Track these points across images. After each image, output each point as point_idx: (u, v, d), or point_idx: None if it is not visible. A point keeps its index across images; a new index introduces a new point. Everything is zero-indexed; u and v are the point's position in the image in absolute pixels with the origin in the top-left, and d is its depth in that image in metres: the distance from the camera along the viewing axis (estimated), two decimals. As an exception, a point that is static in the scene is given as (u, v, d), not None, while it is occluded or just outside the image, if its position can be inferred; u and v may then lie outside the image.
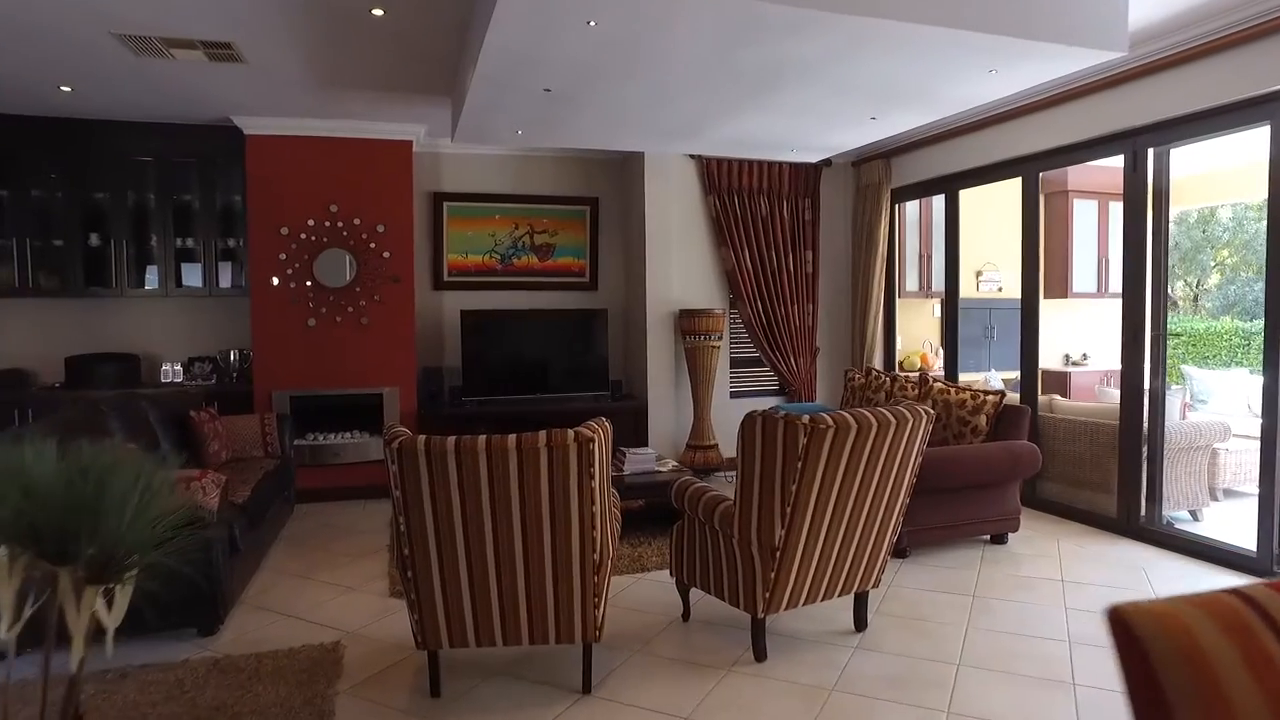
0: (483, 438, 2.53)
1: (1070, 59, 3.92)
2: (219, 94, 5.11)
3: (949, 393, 4.85)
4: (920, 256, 7.47)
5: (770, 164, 6.78)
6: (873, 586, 3.39)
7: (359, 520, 5.39)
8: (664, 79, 4.22)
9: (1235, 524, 5.26)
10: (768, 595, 3.00)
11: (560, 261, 6.91)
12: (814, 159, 6.69)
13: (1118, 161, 4.90)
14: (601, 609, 2.80)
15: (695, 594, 3.53)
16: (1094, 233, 7.87)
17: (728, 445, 6.54)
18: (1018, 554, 4.50)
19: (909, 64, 3.97)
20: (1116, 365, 8.47)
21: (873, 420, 2.89)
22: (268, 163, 5.71)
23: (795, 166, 6.86)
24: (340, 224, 5.83)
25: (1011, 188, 8.00)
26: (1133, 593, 3.89)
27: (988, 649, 3.25)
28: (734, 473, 3.04)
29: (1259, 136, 4.16)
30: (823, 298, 7.12)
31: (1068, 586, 3.97)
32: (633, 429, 6.45)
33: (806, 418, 2.79)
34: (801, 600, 3.13)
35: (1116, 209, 7.93)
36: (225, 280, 5.99)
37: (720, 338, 6.52)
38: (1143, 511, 4.81)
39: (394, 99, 5.29)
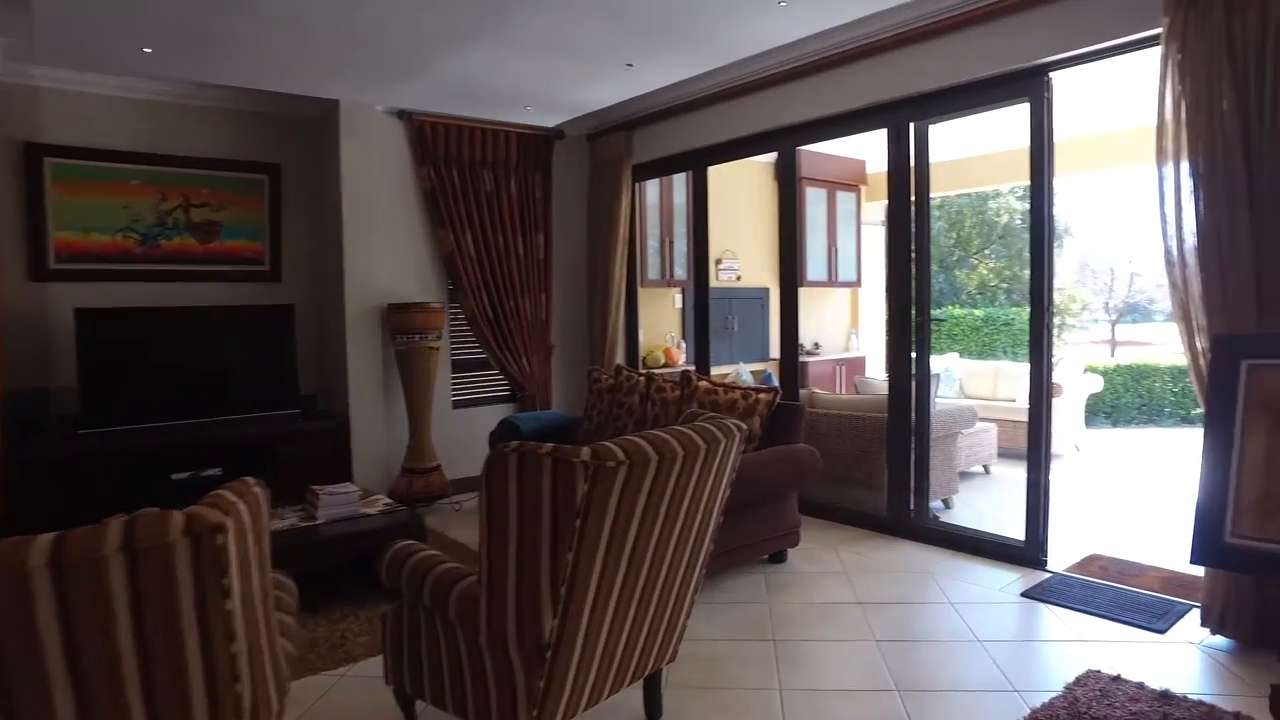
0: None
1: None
2: None
3: (717, 393, 4.18)
4: (662, 242, 6.88)
5: (496, 131, 5.75)
6: (669, 661, 2.53)
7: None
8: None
9: (974, 505, 5.23)
10: (535, 714, 2.00)
11: (230, 245, 5.32)
12: (553, 121, 5.79)
13: (868, 140, 4.56)
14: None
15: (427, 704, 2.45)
16: (824, 221, 7.82)
17: (453, 465, 5.42)
18: (803, 574, 3.93)
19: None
20: (845, 354, 8.69)
21: (676, 447, 2.00)
22: None
23: (524, 136, 5.91)
24: None
25: (749, 172, 7.81)
26: (932, 606, 3.45)
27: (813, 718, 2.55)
28: (463, 500, 2.00)
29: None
30: (557, 287, 6.24)
31: (868, 610, 3.43)
32: (332, 455, 5.10)
33: (587, 452, 1.84)
34: (582, 707, 2.18)
35: (845, 198, 7.98)
36: None
37: (439, 336, 5.38)
38: (912, 507, 4.51)
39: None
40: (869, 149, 7.72)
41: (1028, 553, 3.96)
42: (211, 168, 5.20)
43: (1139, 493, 5.74)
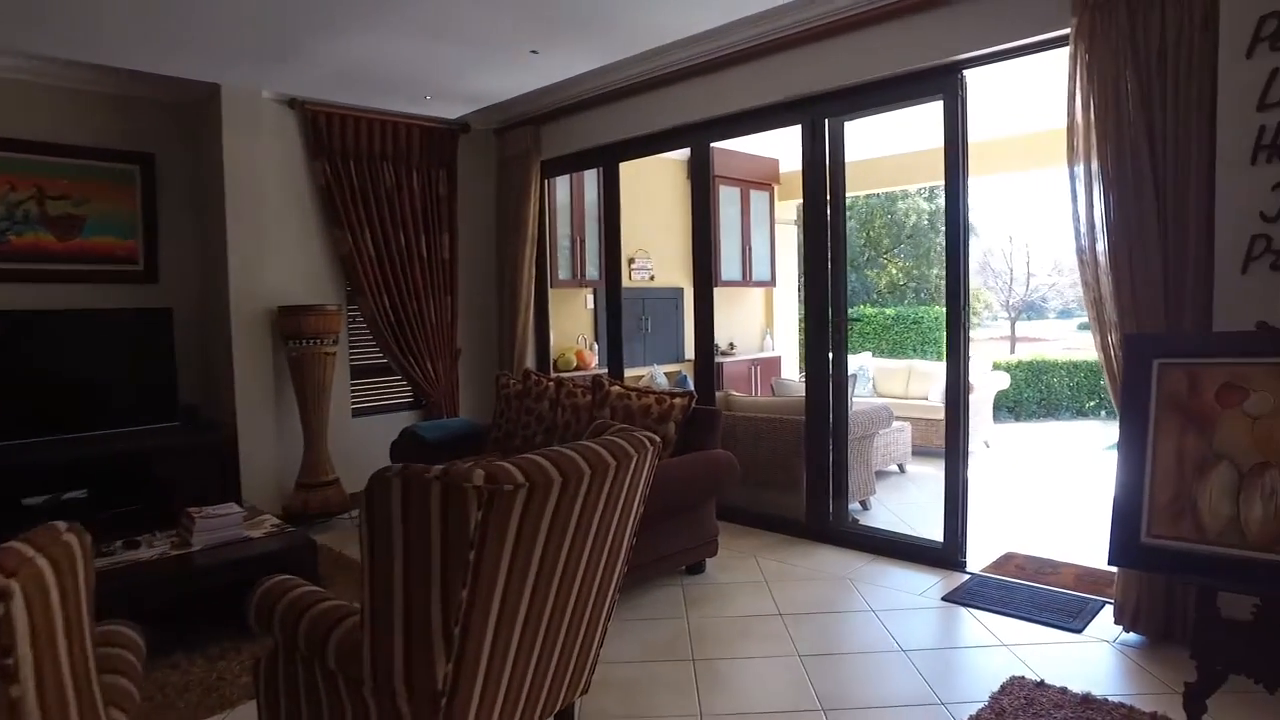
0: None
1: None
2: None
3: (630, 398, 4.00)
4: (573, 241, 6.67)
5: (396, 123, 5.43)
6: (582, 694, 2.33)
7: None
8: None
9: (891, 506, 5.22)
10: (428, 769, 1.77)
11: (95, 242, 4.83)
12: (457, 113, 5.51)
13: (781, 140, 4.47)
14: None
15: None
16: (738, 220, 7.75)
17: (352, 478, 5.08)
18: (721, 585, 3.79)
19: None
20: (760, 354, 8.65)
21: (583, 465, 1.81)
22: None
23: (428, 129, 5.60)
24: None
25: (662, 170, 7.67)
26: (854, 615, 3.36)
27: (734, 751, 2.39)
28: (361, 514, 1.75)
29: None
30: (464, 288, 5.95)
31: (789, 622, 3.31)
32: (218, 470, 4.69)
33: (480, 475, 1.62)
34: (482, 755, 1.95)
35: (759, 197, 7.93)
36: None
37: (336, 341, 5.04)
38: (831, 511, 4.43)
39: None
40: (782, 148, 7.69)
41: (947, 554, 3.93)
42: (71, 155, 4.70)
43: (1046, 487, 5.86)
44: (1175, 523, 2.61)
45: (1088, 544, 4.24)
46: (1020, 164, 6.78)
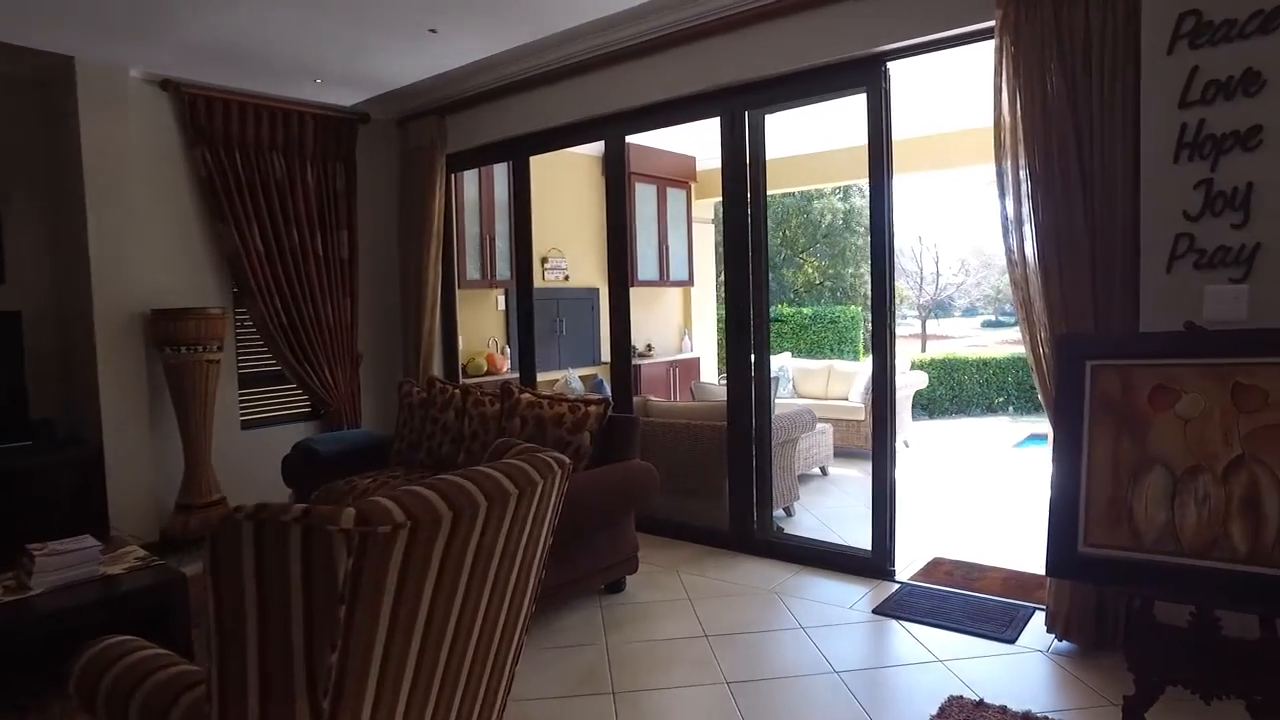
0: None
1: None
2: None
3: (541, 406, 3.72)
4: (483, 239, 6.33)
5: (287, 110, 5.00)
6: (485, 750, 2.05)
7: None
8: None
9: (815, 511, 5.10)
10: None
11: (-68, 238, 4.26)
12: (351, 100, 5.12)
13: (699, 136, 4.29)
14: None
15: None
16: (654, 218, 7.56)
17: (242, 496, 4.63)
18: (642, 605, 3.56)
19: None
20: (679, 355, 8.48)
21: (478, 496, 1.54)
22: None
23: (323, 118, 5.19)
24: None
25: (576, 165, 7.40)
26: (783, 634, 3.18)
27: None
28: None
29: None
30: (366, 290, 5.56)
31: (715, 644, 3.10)
32: (80, 494, 4.19)
33: (350, 516, 1.33)
34: (365, 838, 1.66)
35: (676, 195, 7.75)
36: None
37: (221, 347, 4.59)
38: (755, 519, 4.26)
39: None
40: (699, 145, 7.54)
41: (876, 563, 3.80)
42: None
43: (966, 486, 5.85)
44: (1112, 530, 2.52)
45: (1012, 545, 4.21)
46: (930, 164, 6.79)
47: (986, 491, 5.65)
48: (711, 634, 3.19)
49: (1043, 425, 9.79)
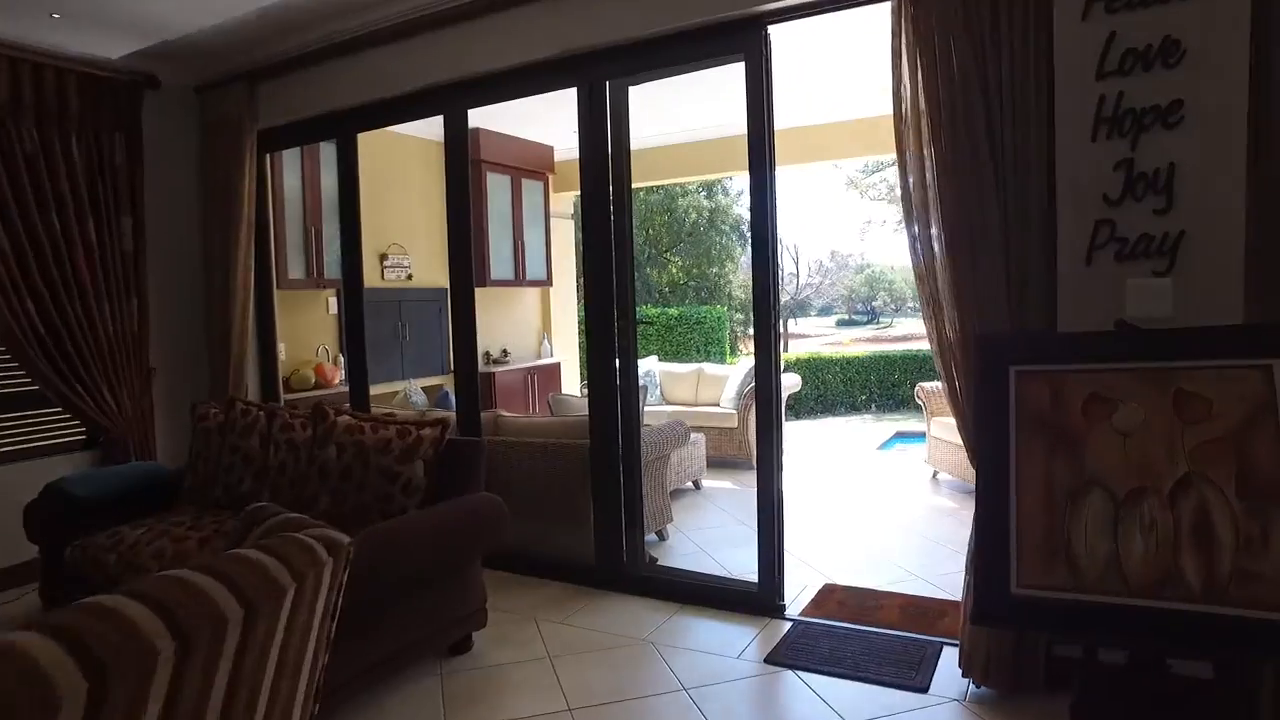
0: None
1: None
2: None
3: (363, 431, 3.03)
4: (308, 232, 5.49)
5: (36, 64, 4.00)
6: None
7: None
8: None
9: (690, 532, 4.63)
10: None
11: None
12: (118, 49, 4.17)
13: (557, 124, 3.71)
14: None
15: None
16: (509, 212, 6.90)
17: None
18: (493, 670, 2.93)
19: None
20: (538, 361, 7.85)
21: (215, 614, 0.89)
22: None
23: (90, 79, 4.21)
24: None
25: (420, 151, 6.61)
26: (663, 700, 2.64)
27: None
28: None
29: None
30: (157, 290, 4.61)
31: (579, 718, 2.53)
32: None
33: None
34: None
35: (532, 187, 7.14)
36: None
37: (-56, 364, 3.59)
38: (625, 549, 3.72)
39: None
40: (558, 134, 6.96)
41: (763, 598, 3.34)
42: None
43: (841, 493, 5.54)
44: (1048, 567, 2.14)
45: (900, 560, 3.90)
46: (793, 158, 6.47)
47: (863, 500, 5.35)
48: (577, 707, 2.61)
49: (907, 423, 9.85)
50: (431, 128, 4.53)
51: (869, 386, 11.18)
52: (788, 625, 3.20)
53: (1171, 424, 2.08)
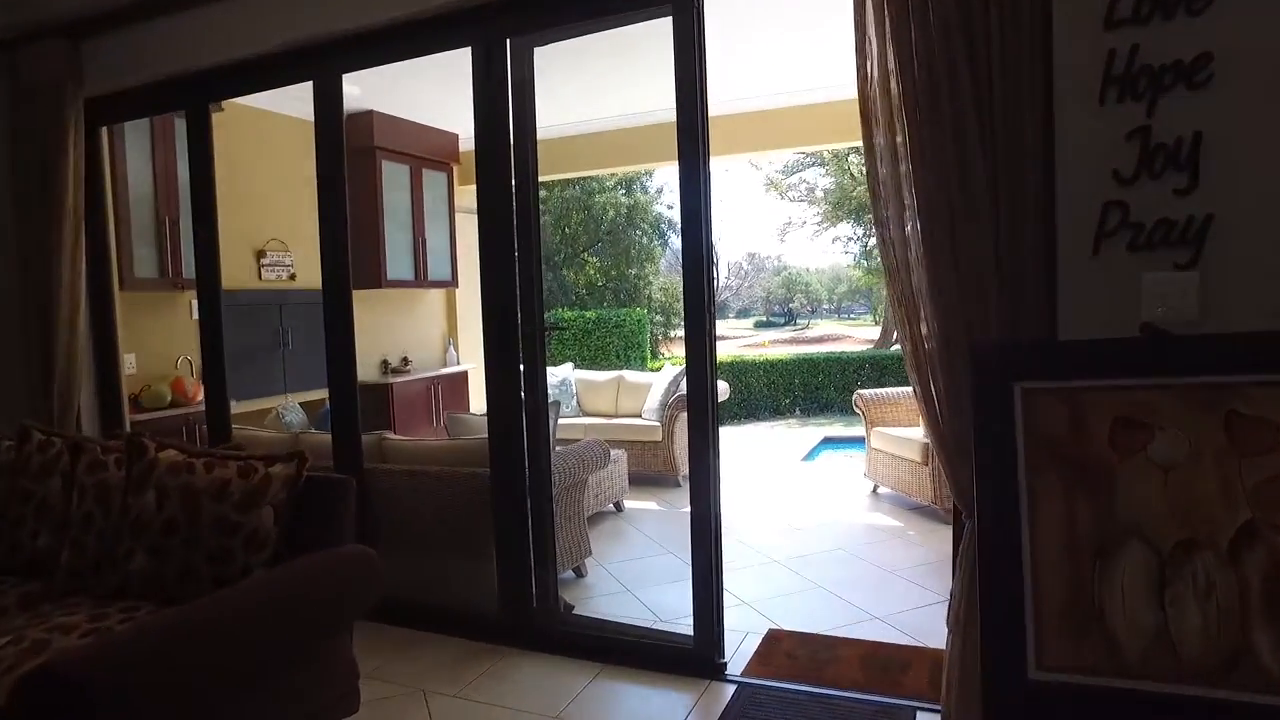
0: None
1: None
2: None
3: (193, 470, 2.35)
4: (160, 224, 4.69)
5: None
6: None
7: None
8: None
9: (613, 568, 4.07)
10: None
11: None
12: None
13: (462, 105, 3.11)
14: None
15: None
16: (408, 206, 6.20)
17: None
18: (365, 773, 2.30)
19: None
20: (443, 370, 7.14)
21: None
22: None
23: None
24: None
25: (305, 136, 5.83)
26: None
27: None
28: None
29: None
30: (-40, 291, 3.77)
31: None
32: None
33: None
34: None
35: (435, 179, 6.47)
36: None
37: None
38: (534, 596, 3.12)
39: None
40: (463, 120, 6.28)
41: (701, 654, 2.81)
42: None
43: (771, 513, 5.05)
44: (1076, 644, 1.67)
45: (851, 599, 3.43)
46: (720, 149, 6.00)
47: (801, 520, 4.87)
48: (470, 830, 2.01)
49: (833, 428, 9.54)
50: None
51: (793, 390, 10.86)
52: (731, 689, 2.67)
53: (1226, 456, 1.63)
